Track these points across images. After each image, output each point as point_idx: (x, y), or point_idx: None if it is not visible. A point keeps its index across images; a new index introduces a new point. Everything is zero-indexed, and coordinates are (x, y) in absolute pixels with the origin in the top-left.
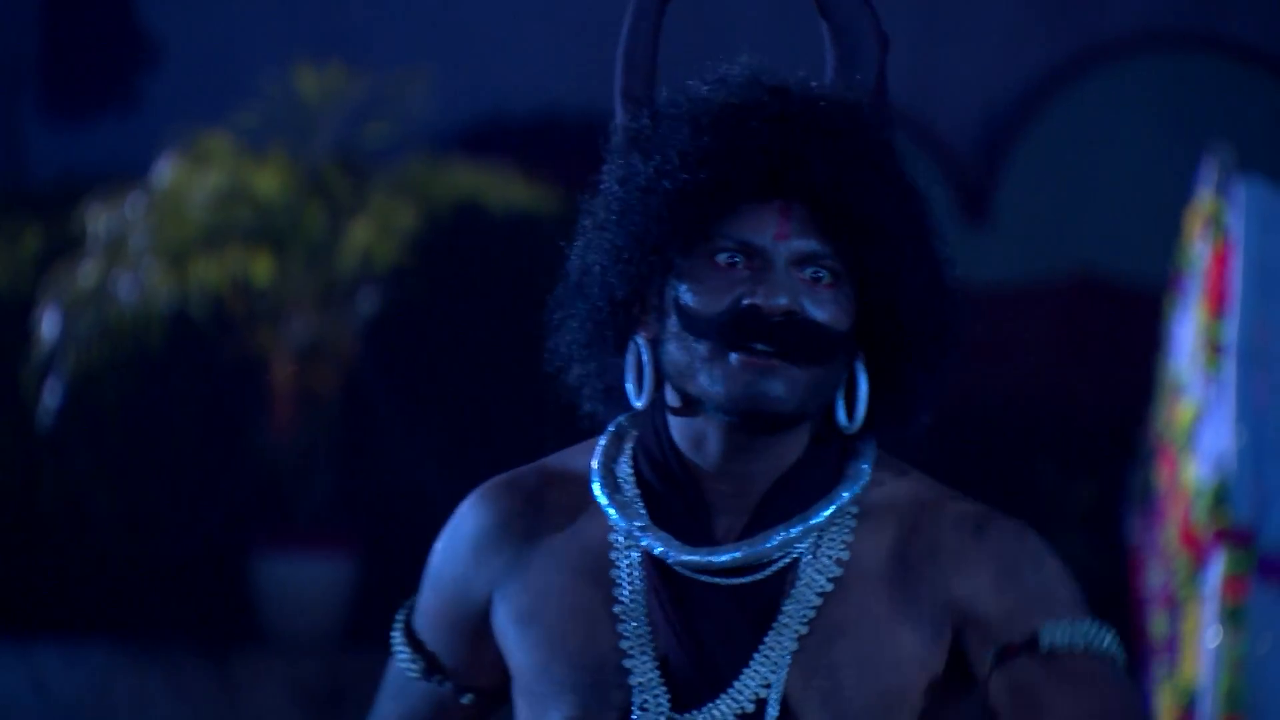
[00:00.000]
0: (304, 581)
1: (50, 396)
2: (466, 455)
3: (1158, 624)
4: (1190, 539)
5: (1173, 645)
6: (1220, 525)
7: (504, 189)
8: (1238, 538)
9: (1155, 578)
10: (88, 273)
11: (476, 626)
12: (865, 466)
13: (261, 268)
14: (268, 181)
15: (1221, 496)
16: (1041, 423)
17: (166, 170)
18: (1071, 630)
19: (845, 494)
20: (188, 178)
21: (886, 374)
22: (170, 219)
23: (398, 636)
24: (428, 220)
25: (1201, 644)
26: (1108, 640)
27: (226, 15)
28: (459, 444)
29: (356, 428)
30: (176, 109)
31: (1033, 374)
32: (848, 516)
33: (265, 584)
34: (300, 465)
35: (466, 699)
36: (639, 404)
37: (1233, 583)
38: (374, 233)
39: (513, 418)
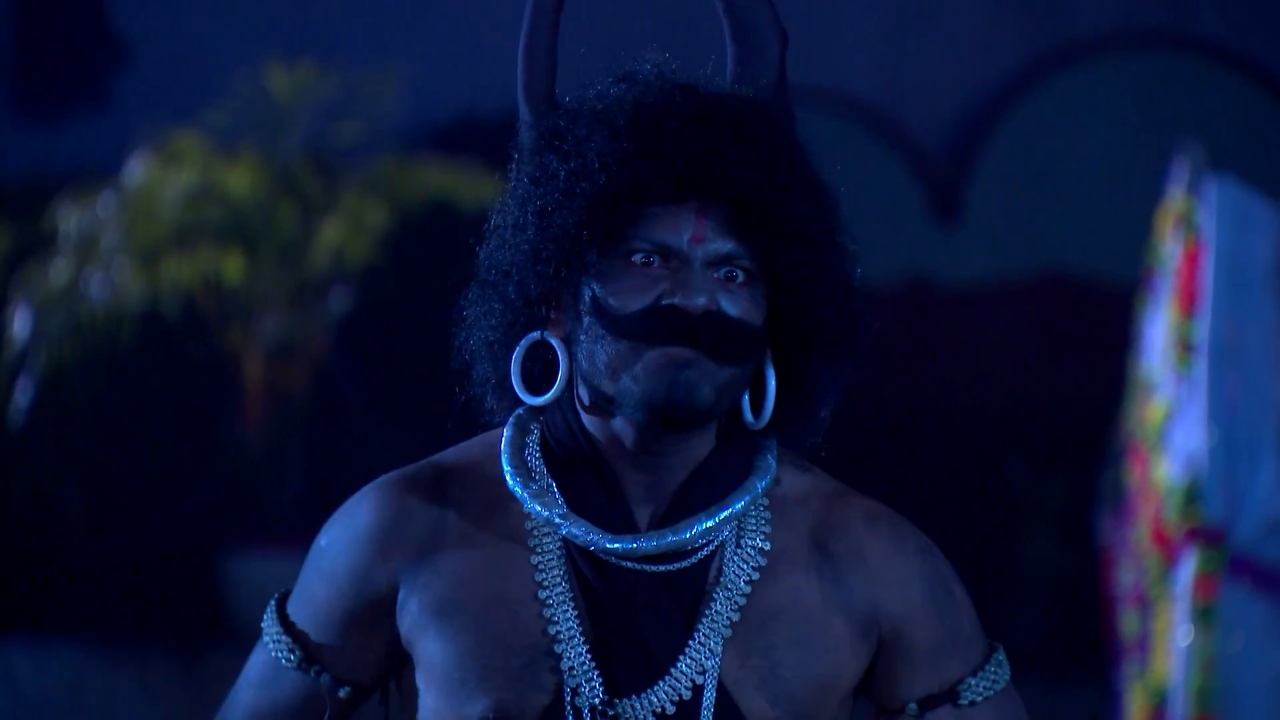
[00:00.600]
0: (274, 580)
1: (21, 395)
2: (437, 453)
3: (1129, 623)
4: (1161, 538)
5: (1144, 644)
6: (1191, 524)
7: (475, 188)
8: (1209, 536)
9: (1126, 576)
10: (59, 272)
11: (370, 620)
12: (771, 459)
13: (233, 266)
14: (239, 180)
15: (1193, 495)
16: (1012, 421)
17: (138, 169)
18: (983, 680)
19: (759, 485)
20: (159, 177)
21: (792, 372)
22: (141, 218)
23: (272, 624)
24: (399, 219)
25: (1173, 643)
26: (1005, 671)
27: (197, 14)
28: (430, 443)
29: (328, 427)
30: (147, 108)
31: (1003, 372)
32: (761, 508)
33: (236, 582)
34: (271, 464)
35: (344, 692)
36: (537, 401)
37: (1204, 582)
38: (345, 232)
39: (483, 416)
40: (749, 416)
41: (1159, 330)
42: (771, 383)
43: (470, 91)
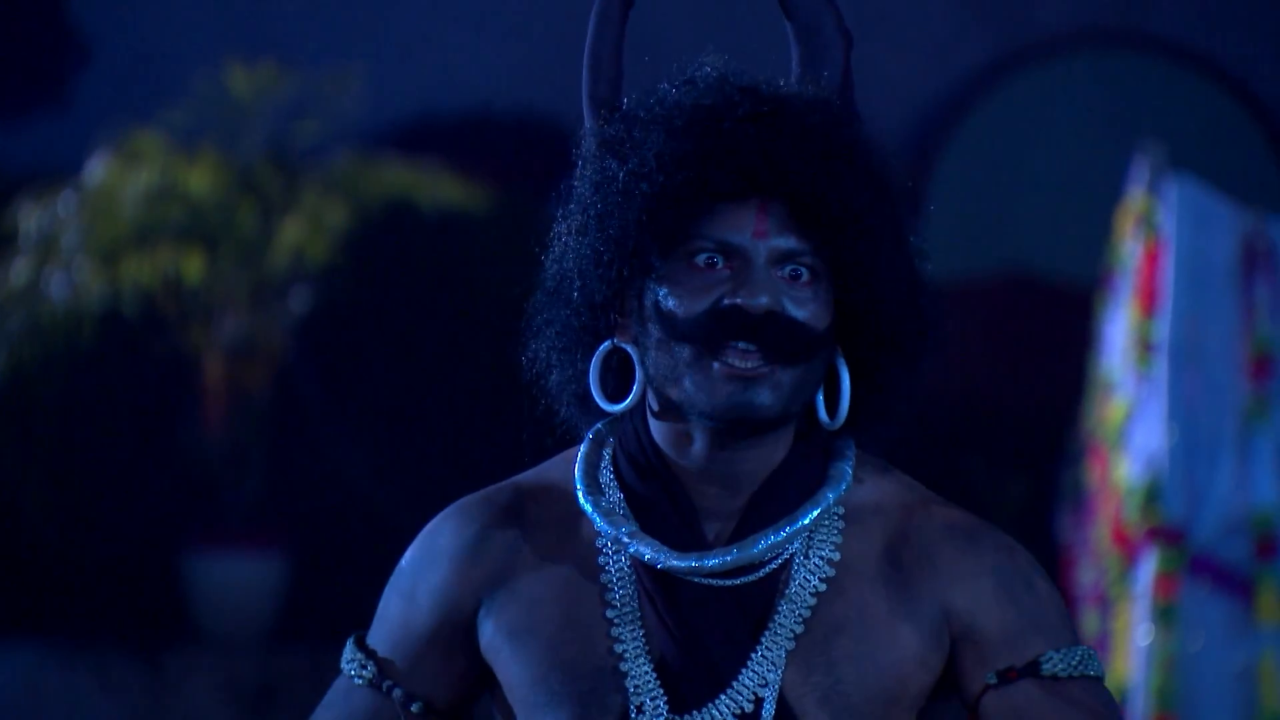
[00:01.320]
0: (235, 579)
1: None
2: (398, 454)
3: (1089, 622)
4: (1121, 537)
5: (1104, 643)
6: (1151, 523)
7: (435, 187)
8: (1169, 536)
9: (1086, 576)
10: (19, 271)
11: (449, 637)
12: (847, 468)
13: (193, 266)
14: (199, 180)
15: (1153, 495)
16: (972, 420)
17: (98, 169)
18: (1069, 657)
19: (830, 495)
20: (119, 176)
21: (866, 370)
22: (102, 217)
23: (348, 651)
24: (359, 219)
25: (1133, 642)
26: (1097, 664)
27: (157, 13)
28: (390, 443)
29: (288, 426)
30: (107, 107)
31: (964, 372)
32: (835, 517)
33: (196, 582)
34: (231, 463)
35: (416, 707)
36: (614, 409)
37: (1164, 581)
38: (305, 231)
39: (443, 416)
40: (824, 417)
41: (1119, 330)
42: (845, 381)
43: (430, 91)
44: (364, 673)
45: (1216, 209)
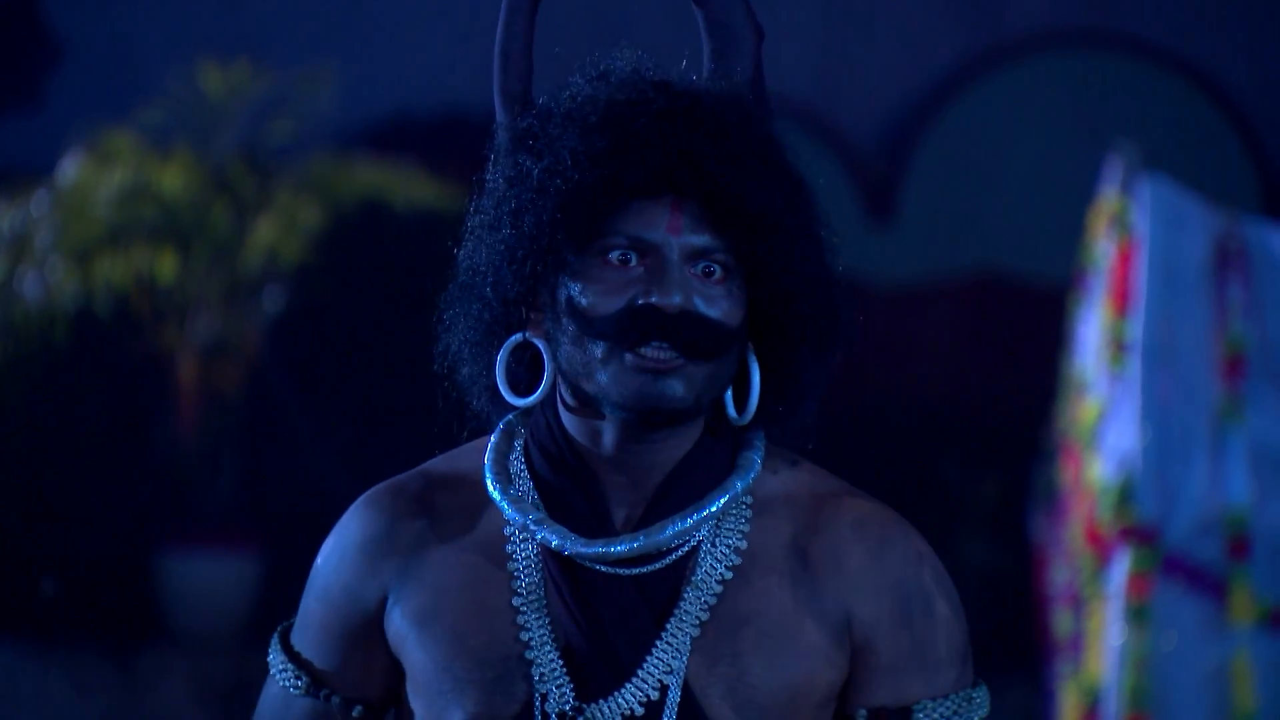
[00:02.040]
0: (208, 579)
1: None
2: (371, 454)
3: (1062, 622)
4: (1095, 537)
5: (1077, 643)
6: (1125, 523)
7: (409, 187)
8: (1142, 536)
9: (1060, 576)
10: None
11: (368, 634)
12: (756, 457)
13: (166, 265)
14: (172, 179)
15: (1126, 495)
16: (946, 420)
17: (71, 168)
18: (941, 709)
19: (739, 484)
20: (92, 175)
21: (775, 365)
22: (75, 217)
23: (276, 656)
24: (333, 218)
25: (1106, 642)
26: (977, 707)
27: (130, 12)
28: (363, 442)
29: (261, 426)
30: (81, 106)
31: (937, 372)
32: (743, 507)
33: (169, 582)
34: (205, 463)
35: (357, 711)
36: (522, 403)
37: (1137, 581)
38: (279, 230)
39: (417, 416)
40: (732, 412)
41: (1092, 330)
42: (755, 377)
43: (403, 91)
44: (299, 683)
45: (1189, 209)
